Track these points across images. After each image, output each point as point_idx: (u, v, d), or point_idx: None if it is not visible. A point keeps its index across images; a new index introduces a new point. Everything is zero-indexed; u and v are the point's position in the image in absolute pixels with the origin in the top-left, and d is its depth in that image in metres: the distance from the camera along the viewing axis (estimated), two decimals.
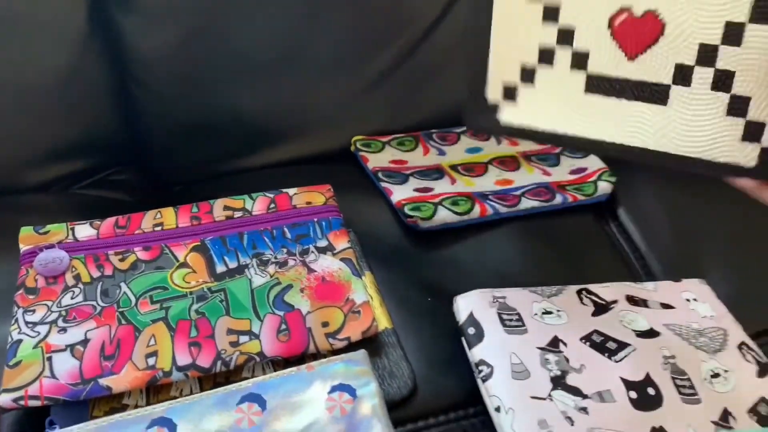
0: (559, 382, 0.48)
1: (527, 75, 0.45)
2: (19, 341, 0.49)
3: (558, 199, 0.66)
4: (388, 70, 0.72)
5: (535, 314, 0.53)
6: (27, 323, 0.50)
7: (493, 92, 0.47)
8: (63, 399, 0.46)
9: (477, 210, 0.63)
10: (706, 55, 0.40)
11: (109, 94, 0.69)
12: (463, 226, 0.64)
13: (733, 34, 0.40)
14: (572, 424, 0.46)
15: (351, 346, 0.51)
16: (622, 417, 0.47)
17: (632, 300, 0.57)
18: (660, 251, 0.66)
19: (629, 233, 0.68)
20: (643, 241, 0.67)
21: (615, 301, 0.56)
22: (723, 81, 0.40)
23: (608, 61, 0.43)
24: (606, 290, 0.57)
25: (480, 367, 0.50)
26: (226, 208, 0.59)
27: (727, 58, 0.40)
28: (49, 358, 0.48)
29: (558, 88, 0.44)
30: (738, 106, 0.40)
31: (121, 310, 0.52)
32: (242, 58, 0.69)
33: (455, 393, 0.52)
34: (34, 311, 0.51)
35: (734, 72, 0.40)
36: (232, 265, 0.55)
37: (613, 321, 0.54)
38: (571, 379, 0.48)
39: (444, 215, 0.62)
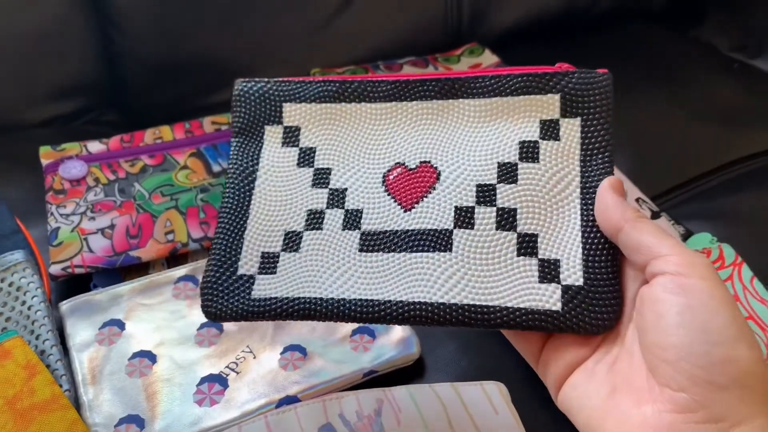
0: None
1: (292, 242, 0.40)
2: (58, 228, 0.59)
3: None
4: (340, 6, 0.84)
5: None
6: (61, 215, 0.60)
7: (247, 264, 0.39)
8: (102, 267, 0.57)
9: None
10: (485, 195, 0.39)
11: (93, 40, 0.79)
12: None
13: (507, 172, 0.39)
14: None
15: None
16: None
17: None
18: None
19: None
20: None
21: None
22: (506, 219, 0.38)
23: (383, 216, 0.40)
24: None
25: None
26: (213, 123, 0.70)
27: (506, 196, 0.38)
28: (85, 239, 0.58)
29: (328, 252, 0.39)
30: (527, 245, 0.37)
31: (138, 202, 0.62)
32: (208, 3, 0.80)
33: None
34: (65, 206, 0.61)
35: (516, 209, 0.38)
36: (226, 165, 0.66)
37: None
38: None
39: None
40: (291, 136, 0.43)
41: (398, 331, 0.55)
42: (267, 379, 0.51)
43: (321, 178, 0.42)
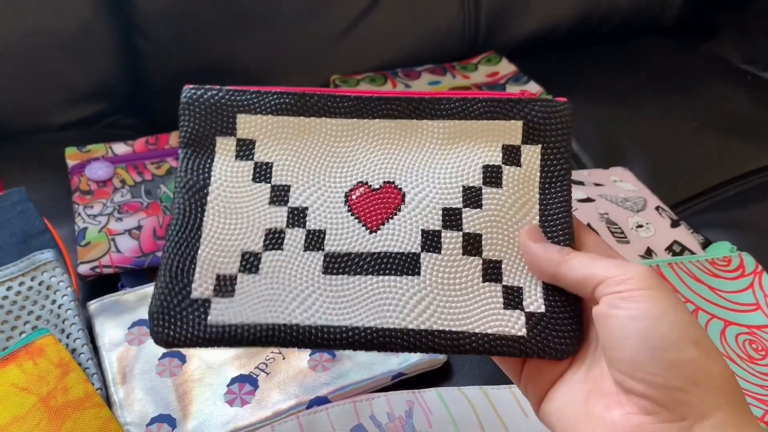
0: None
1: (250, 263, 0.37)
2: (85, 228, 0.59)
3: None
4: (360, 14, 0.85)
5: None
6: (88, 215, 0.60)
7: (202, 287, 0.36)
8: (130, 267, 0.57)
9: None
10: (451, 219, 0.38)
11: (117, 46, 0.79)
12: None
13: (472, 197, 0.39)
14: None
15: None
16: None
17: (572, 181, 0.72)
18: (591, 152, 0.82)
19: None
20: (577, 145, 0.82)
21: None
22: (472, 245, 0.38)
23: (348, 237, 0.38)
24: None
25: None
26: None
27: (472, 221, 0.38)
28: (113, 239, 0.58)
29: (290, 275, 0.37)
30: (492, 271, 0.37)
31: (164, 204, 0.62)
32: (231, 11, 0.81)
33: None
34: (92, 206, 0.61)
35: (481, 234, 0.38)
36: None
37: None
38: None
39: None
40: (245, 149, 0.39)
41: None
42: (297, 380, 0.51)
43: (279, 195, 0.39)
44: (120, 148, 0.67)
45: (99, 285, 0.57)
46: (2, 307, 0.52)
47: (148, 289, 0.55)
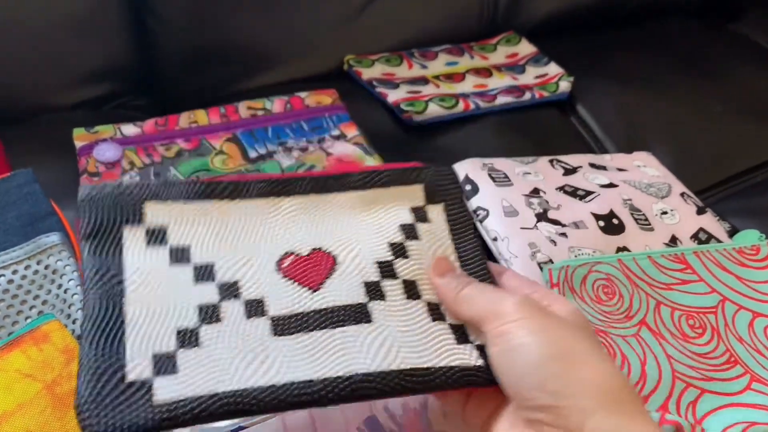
0: (542, 216, 0.60)
1: (187, 338, 0.36)
2: None
3: (527, 95, 0.78)
4: None
5: (518, 174, 0.65)
6: None
7: (138, 368, 0.34)
8: None
9: (461, 105, 0.74)
10: (386, 269, 0.40)
11: (126, 25, 0.78)
12: (450, 120, 0.75)
13: (398, 250, 0.41)
14: (555, 245, 0.58)
15: None
16: (594, 239, 0.59)
17: (594, 165, 0.69)
18: (614, 136, 0.79)
19: (587, 123, 0.80)
20: (599, 129, 0.80)
21: (580, 166, 0.68)
22: (411, 290, 0.39)
23: (291, 299, 0.38)
24: (572, 158, 0.69)
25: (478, 212, 0.61)
26: (249, 108, 0.69)
27: (404, 270, 0.40)
28: None
29: (238, 342, 0.36)
30: (435, 312, 0.39)
31: None
32: None
33: None
34: None
35: (415, 281, 0.40)
36: (262, 151, 0.65)
37: (580, 178, 0.66)
38: (552, 214, 0.60)
39: (434, 109, 0.73)
40: (157, 236, 0.39)
41: None
42: None
43: (204, 273, 0.39)
44: (129, 130, 0.65)
45: None
46: (7, 291, 0.50)
47: None
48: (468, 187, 0.63)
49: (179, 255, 0.39)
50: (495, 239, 0.59)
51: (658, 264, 0.57)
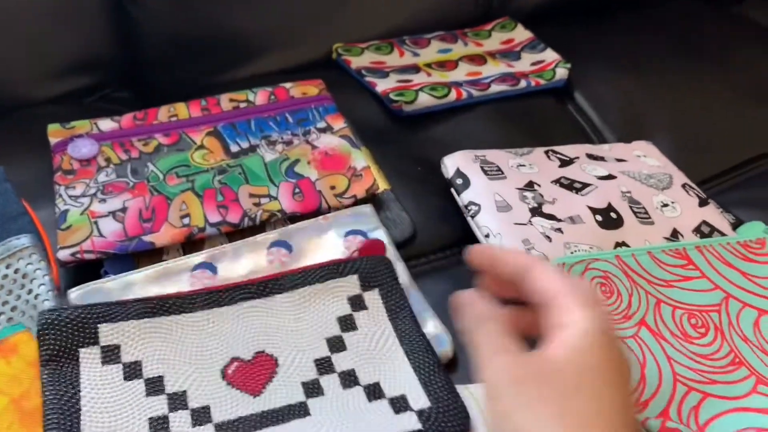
0: (536, 211, 0.57)
1: None
2: (66, 210, 0.55)
3: (522, 83, 0.75)
4: None
5: (511, 166, 0.62)
6: (70, 197, 0.56)
7: None
8: (113, 252, 0.53)
9: (453, 94, 0.71)
10: (324, 366, 0.45)
11: (107, 14, 0.75)
12: (442, 109, 0.72)
13: (336, 344, 0.47)
14: (550, 241, 0.55)
15: (357, 203, 0.59)
16: (591, 234, 0.56)
17: (591, 156, 0.66)
18: (612, 124, 0.76)
19: (585, 111, 0.78)
20: (598, 117, 0.77)
21: (577, 157, 0.65)
22: (349, 379, 0.45)
23: (233, 405, 0.43)
24: (569, 149, 0.67)
25: (469, 207, 0.58)
26: (231, 100, 0.66)
27: (342, 362, 0.46)
28: (96, 222, 0.54)
29: None
30: (374, 392, 0.44)
31: (151, 184, 0.58)
32: None
33: (449, 236, 0.61)
34: (74, 187, 0.57)
35: (354, 369, 0.45)
36: (244, 145, 0.62)
37: (577, 170, 0.63)
38: (546, 209, 0.57)
39: (425, 99, 0.70)
40: (111, 355, 0.44)
41: (429, 328, 0.51)
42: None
43: (154, 386, 0.43)
44: (106, 125, 0.62)
45: (82, 272, 0.53)
46: None
47: (133, 277, 0.52)
48: (459, 181, 0.60)
49: (132, 371, 0.44)
50: (487, 236, 0.56)
51: (658, 260, 0.55)
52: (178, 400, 0.43)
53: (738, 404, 0.48)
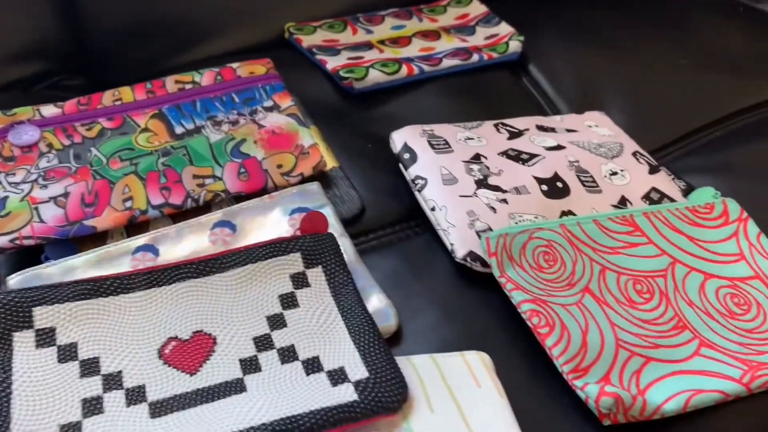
0: (482, 183, 0.57)
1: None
2: (6, 197, 0.54)
3: (475, 57, 0.74)
4: None
5: (459, 140, 0.62)
6: (10, 183, 0.55)
7: None
8: (53, 238, 0.52)
9: (404, 70, 0.71)
10: (263, 343, 0.46)
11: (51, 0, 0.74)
12: (394, 86, 0.71)
13: (276, 321, 0.47)
14: (495, 212, 0.55)
15: (305, 182, 0.59)
16: (536, 204, 0.56)
17: (542, 128, 0.66)
18: (567, 96, 0.76)
19: (539, 84, 0.77)
20: (552, 90, 0.76)
21: (527, 129, 0.65)
22: (288, 354, 0.45)
23: (169, 384, 0.43)
24: (519, 122, 0.66)
25: (416, 181, 0.58)
26: (177, 82, 0.65)
27: (281, 338, 0.46)
28: (36, 208, 0.54)
29: (116, 429, 0.41)
30: (312, 366, 0.44)
31: (94, 168, 0.57)
32: None
33: (398, 211, 0.60)
34: (15, 174, 0.56)
35: (293, 344, 0.46)
36: (189, 127, 0.62)
37: (526, 142, 0.63)
38: (492, 180, 0.57)
39: (375, 75, 0.70)
40: (45, 338, 0.44)
41: (374, 302, 0.51)
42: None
43: (89, 367, 0.43)
44: (49, 110, 0.61)
45: (23, 258, 0.53)
46: None
47: (74, 261, 0.51)
48: (406, 156, 0.60)
49: (66, 352, 0.44)
50: (433, 209, 0.56)
51: (604, 227, 0.55)
52: (112, 381, 0.43)
53: (679, 367, 0.48)
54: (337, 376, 0.44)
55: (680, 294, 0.53)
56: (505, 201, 0.56)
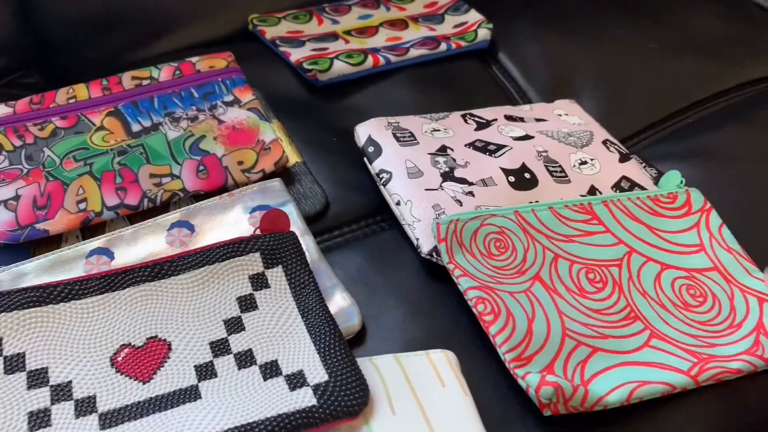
0: (448, 176, 0.56)
1: None
2: None
3: (443, 46, 0.73)
4: None
5: (425, 132, 0.60)
6: None
7: None
8: (3, 243, 0.51)
9: (370, 61, 0.69)
10: (220, 348, 0.44)
11: None
12: (360, 77, 0.69)
13: (234, 325, 0.45)
14: (461, 205, 0.53)
15: (267, 178, 0.57)
16: (504, 196, 0.55)
17: (510, 118, 0.65)
18: (537, 84, 0.74)
19: (510, 72, 0.76)
20: (522, 78, 0.75)
21: (495, 120, 0.64)
22: (245, 359, 0.44)
23: (121, 394, 0.42)
24: (487, 112, 0.65)
25: (381, 175, 0.56)
26: (134, 78, 0.63)
27: (239, 342, 0.44)
28: None
29: None
30: (270, 370, 0.43)
31: (47, 170, 0.55)
32: None
33: (364, 207, 0.59)
34: None
35: (251, 349, 0.44)
36: (147, 124, 0.60)
37: (493, 132, 0.62)
38: (458, 173, 0.56)
39: (340, 67, 0.68)
40: None
41: (337, 302, 0.49)
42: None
43: (37, 378, 0.42)
44: None
45: None
46: None
47: (24, 267, 0.49)
48: (371, 149, 0.58)
49: (13, 363, 0.42)
50: (398, 203, 0.54)
51: (560, 215, 0.53)
52: (61, 392, 0.41)
53: (627, 358, 0.47)
54: (296, 380, 0.43)
55: (634, 284, 0.52)
56: (471, 194, 0.54)
